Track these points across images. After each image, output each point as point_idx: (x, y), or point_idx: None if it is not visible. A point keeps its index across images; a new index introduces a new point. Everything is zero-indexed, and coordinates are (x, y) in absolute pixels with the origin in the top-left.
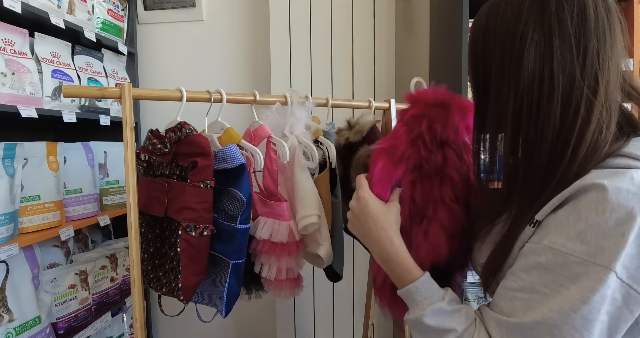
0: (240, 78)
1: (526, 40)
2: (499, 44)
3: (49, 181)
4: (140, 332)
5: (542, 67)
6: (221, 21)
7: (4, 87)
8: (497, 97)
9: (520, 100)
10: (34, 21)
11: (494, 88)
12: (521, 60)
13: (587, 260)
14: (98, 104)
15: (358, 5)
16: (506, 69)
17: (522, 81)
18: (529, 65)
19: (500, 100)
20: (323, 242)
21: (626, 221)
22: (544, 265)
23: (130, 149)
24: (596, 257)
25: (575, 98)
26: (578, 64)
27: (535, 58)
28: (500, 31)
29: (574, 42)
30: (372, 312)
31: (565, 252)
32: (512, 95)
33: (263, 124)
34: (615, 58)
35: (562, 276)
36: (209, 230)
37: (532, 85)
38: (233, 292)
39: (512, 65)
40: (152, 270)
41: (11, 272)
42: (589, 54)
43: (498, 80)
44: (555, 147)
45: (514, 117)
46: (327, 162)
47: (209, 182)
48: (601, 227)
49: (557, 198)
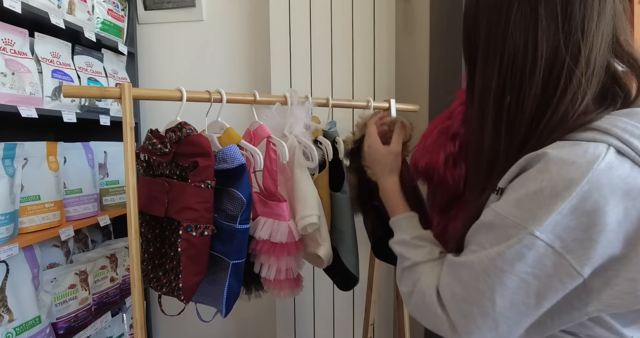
0: (240, 78)
1: (512, 9)
2: (486, 16)
3: (49, 181)
4: (140, 332)
5: (527, 36)
6: (221, 21)
7: (4, 87)
8: (483, 71)
9: (504, 72)
10: (34, 21)
11: (480, 62)
12: (507, 30)
13: (520, 224)
14: (98, 104)
15: (358, 5)
16: (492, 41)
17: (507, 52)
18: (514, 35)
19: (485, 74)
20: (323, 242)
21: (560, 192)
22: (487, 224)
23: (130, 149)
24: (527, 222)
25: (557, 69)
26: (563, 33)
27: (520, 27)
28: (488, 2)
29: (560, 9)
30: (372, 312)
31: (503, 215)
32: (497, 67)
33: (263, 124)
34: (604, 26)
35: (499, 235)
36: (210, 230)
37: (517, 56)
38: (233, 291)
39: (498, 37)
40: (152, 270)
41: (11, 272)
42: (573, 21)
43: (484, 53)
44: (533, 119)
45: (498, 89)
46: (326, 161)
47: (210, 182)
48: (537, 195)
49: (515, 166)
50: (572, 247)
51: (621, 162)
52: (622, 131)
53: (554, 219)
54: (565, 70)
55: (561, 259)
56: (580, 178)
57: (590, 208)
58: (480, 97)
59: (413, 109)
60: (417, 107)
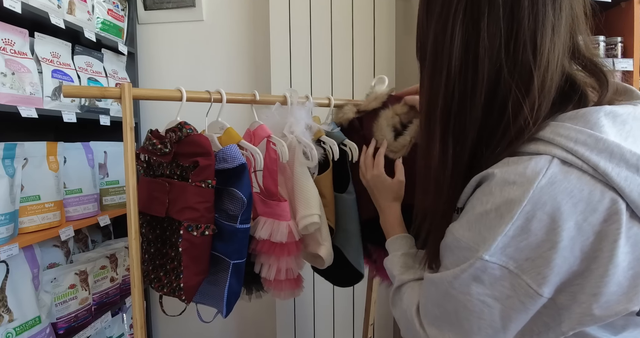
0: (240, 78)
1: (457, 22)
2: (433, 28)
3: (49, 181)
4: (140, 332)
5: (469, 53)
6: (221, 21)
7: (4, 87)
8: (429, 86)
9: (449, 90)
10: (34, 21)
11: (426, 77)
12: (452, 44)
13: (472, 246)
14: (98, 104)
15: (358, 5)
16: (438, 55)
17: (452, 69)
18: (458, 51)
19: (432, 90)
20: (323, 242)
21: (504, 214)
22: (448, 245)
23: (130, 149)
24: (478, 244)
25: (502, 91)
26: (506, 52)
27: (463, 42)
28: (435, 13)
29: (504, 23)
30: (372, 312)
31: (458, 237)
32: (443, 84)
33: (263, 123)
34: (560, 37)
35: (457, 257)
36: (211, 229)
37: (460, 74)
38: (233, 292)
39: (444, 51)
40: (153, 270)
41: (11, 272)
42: (520, 37)
43: (431, 67)
44: (479, 141)
45: (444, 107)
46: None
47: (211, 182)
48: (483, 217)
49: (468, 186)
50: (526, 267)
51: (566, 174)
52: (565, 139)
53: (501, 241)
54: (512, 94)
55: (518, 279)
56: (521, 198)
57: (536, 228)
58: (427, 114)
59: None
60: None
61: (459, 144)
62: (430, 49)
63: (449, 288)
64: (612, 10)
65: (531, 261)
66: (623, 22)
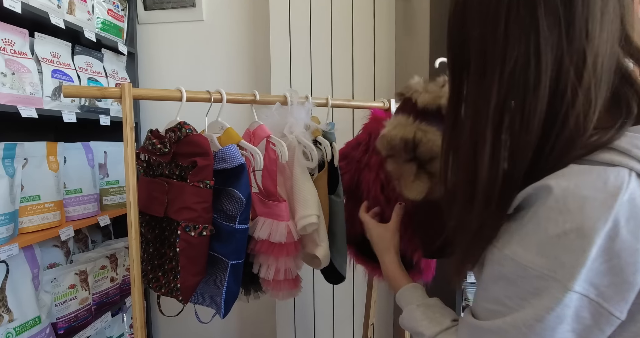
0: (240, 78)
1: (510, 16)
2: (478, 25)
3: (49, 181)
4: (140, 332)
5: (528, 46)
6: (221, 21)
7: (4, 87)
8: (477, 90)
9: (505, 89)
10: (34, 21)
11: (473, 80)
12: (506, 40)
13: (547, 274)
14: (98, 104)
15: (358, 5)
16: (489, 54)
17: (508, 66)
18: (514, 46)
19: (480, 92)
20: (321, 243)
21: (588, 235)
22: (507, 276)
23: (130, 149)
24: (557, 272)
25: (563, 80)
26: (567, 39)
27: (519, 36)
28: (479, 9)
29: (562, 12)
30: (372, 312)
31: (525, 264)
32: (496, 84)
33: (263, 124)
34: (609, 24)
35: (524, 289)
36: (209, 230)
37: (518, 70)
38: (231, 292)
39: (496, 49)
40: (151, 270)
41: (11, 272)
42: (577, 24)
43: (479, 69)
44: (540, 138)
45: (497, 109)
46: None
47: (209, 182)
48: (561, 239)
49: (521, 194)
50: (608, 294)
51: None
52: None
53: (586, 266)
54: (570, 81)
55: (599, 308)
56: (606, 216)
57: (620, 249)
58: (474, 120)
59: None
60: None
61: (519, 144)
62: (476, 48)
63: (527, 333)
64: None
65: (614, 287)
66: None
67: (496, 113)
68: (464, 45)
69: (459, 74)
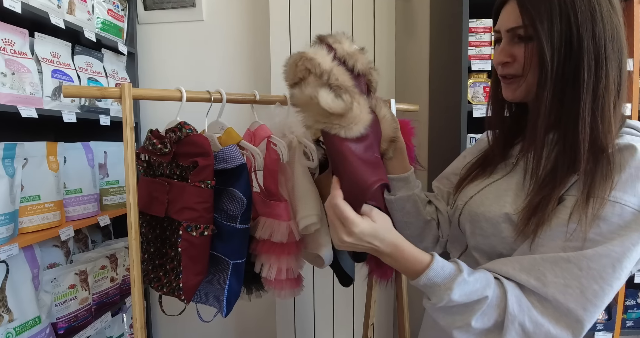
0: (240, 78)
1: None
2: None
3: (49, 181)
4: (140, 332)
5: (620, 43)
6: (221, 21)
7: (4, 87)
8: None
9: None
10: (34, 21)
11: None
12: (613, 35)
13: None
14: (98, 104)
15: (358, 5)
16: (602, 49)
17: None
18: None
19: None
20: (324, 243)
21: None
22: (604, 216)
23: (130, 149)
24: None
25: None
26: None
27: (612, 34)
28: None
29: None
30: (372, 312)
31: (623, 203)
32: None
33: (263, 123)
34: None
35: (618, 225)
36: (210, 230)
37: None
38: (233, 291)
39: (607, 45)
40: (152, 270)
41: (11, 272)
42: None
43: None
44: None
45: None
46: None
47: (210, 182)
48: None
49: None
50: None
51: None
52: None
53: None
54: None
55: None
56: None
57: None
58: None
59: (413, 108)
60: (417, 107)
61: (597, 118)
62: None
63: (621, 257)
64: None
65: None
66: (623, 22)
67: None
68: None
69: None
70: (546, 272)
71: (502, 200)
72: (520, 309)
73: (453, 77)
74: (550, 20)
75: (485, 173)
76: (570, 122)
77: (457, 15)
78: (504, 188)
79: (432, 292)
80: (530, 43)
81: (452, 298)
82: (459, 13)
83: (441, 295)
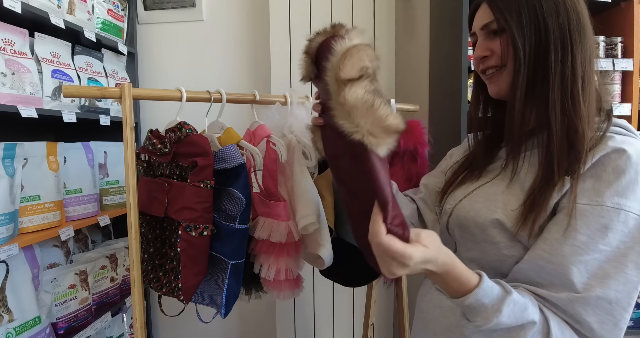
0: (240, 78)
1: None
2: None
3: (49, 181)
4: (140, 332)
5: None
6: (221, 21)
7: (4, 87)
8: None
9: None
10: (34, 21)
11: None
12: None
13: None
14: (98, 104)
15: (358, 5)
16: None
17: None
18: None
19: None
20: (324, 243)
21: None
22: (608, 226)
23: (130, 149)
24: None
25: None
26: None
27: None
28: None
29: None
30: (372, 312)
31: (627, 210)
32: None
33: (263, 123)
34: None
35: (623, 233)
36: (209, 230)
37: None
38: (232, 292)
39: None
40: (152, 270)
41: (11, 272)
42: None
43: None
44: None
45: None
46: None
47: (209, 182)
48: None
49: (591, 157)
50: None
51: None
52: None
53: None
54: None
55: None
56: None
57: None
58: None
59: (413, 108)
60: (417, 107)
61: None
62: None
63: (637, 283)
64: (612, 10)
65: None
66: (623, 22)
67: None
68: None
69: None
70: (581, 311)
71: (493, 205)
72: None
73: (453, 77)
74: (518, 12)
75: (473, 176)
76: (543, 104)
77: (456, 14)
78: (493, 192)
79: (478, 313)
80: (504, 34)
81: (501, 321)
82: (458, 13)
83: (488, 316)
